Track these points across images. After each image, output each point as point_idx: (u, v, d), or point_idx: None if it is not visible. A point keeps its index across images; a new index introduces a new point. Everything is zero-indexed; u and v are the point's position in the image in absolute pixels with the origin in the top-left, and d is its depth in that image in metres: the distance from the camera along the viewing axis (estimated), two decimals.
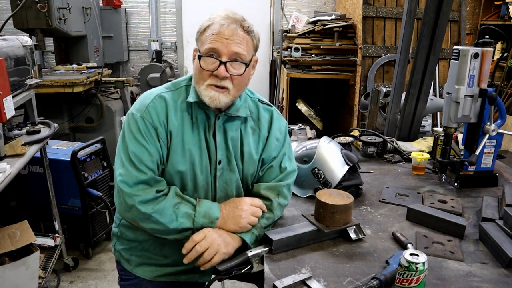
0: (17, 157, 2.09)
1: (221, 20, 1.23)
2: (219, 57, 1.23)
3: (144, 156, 1.24)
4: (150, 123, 1.25)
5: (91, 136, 3.41)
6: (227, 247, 1.24)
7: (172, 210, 1.24)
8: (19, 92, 2.42)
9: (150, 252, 1.40)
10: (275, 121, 1.43)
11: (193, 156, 1.30)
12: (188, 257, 1.22)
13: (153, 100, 1.28)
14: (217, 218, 1.28)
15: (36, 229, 2.61)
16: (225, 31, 1.21)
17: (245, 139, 1.37)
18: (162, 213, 1.23)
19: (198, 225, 1.25)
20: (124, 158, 1.26)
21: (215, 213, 1.28)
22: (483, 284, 1.15)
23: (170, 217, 1.23)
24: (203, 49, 1.24)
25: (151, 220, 1.23)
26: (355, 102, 4.37)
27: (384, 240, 1.37)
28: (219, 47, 1.21)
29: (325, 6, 5.68)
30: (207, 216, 1.27)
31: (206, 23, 1.25)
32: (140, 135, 1.25)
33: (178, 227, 1.24)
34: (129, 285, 1.48)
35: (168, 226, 1.23)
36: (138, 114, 1.27)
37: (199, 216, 1.26)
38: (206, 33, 1.24)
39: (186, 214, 1.25)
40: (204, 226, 1.26)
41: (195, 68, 1.28)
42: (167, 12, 5.73)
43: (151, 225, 1.25)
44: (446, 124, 1.78)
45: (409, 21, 2.48)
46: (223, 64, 1.22)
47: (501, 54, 4.76)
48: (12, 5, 3.42)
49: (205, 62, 1.24)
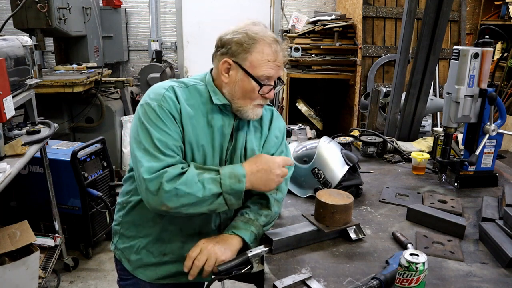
0: (17, 157, 2.09)
1: (272, 45, 1.27)
2: (269, 81, 1.30)
3: (169, 141, 1.24)
4: (168, 110, 1.25)
5: (91, 136, 3.41)
6: (224, 253, 1.24)
7: (197, 179, 1.21)
8: (19, 92, 2.42)
9: (148, 251, 1.40)
10: (275, 120, 1.47)
11: (206, 153, 1.31)
12: (191, 274, 1.23)
13: (168, 89, 1.29)
14: (244, 174, 1.25)
15: (36, 229, 2.61)
16: (280, 59, 1.29)
17: (248, 136, 1.39)
18: (187, 183, 1.20)
19: (227, 187, 1.23)
20: (149, 146, 1.22)
21: (240, 170, 1.26)
22: (483, 284, 1.15)
23: (196, 186, 1.21)
24: (257, 73, 1.27)
25: (179, 195, 1.20)
26: (355, 102, 4.37)
27: (384, 240, 1.37)
28: (274, 74, 1.29)
29: (325, 6, 5.68)
30: (232, 176, 1.24)
31: (252, 43, 1.26)
32: (162, 122, 1.24)
33: (207, 194, 1.21)
34: (127, 285, 1.48)
35: (197, 195, 1.20)
36: (155, 103, 1.26)
37: (225, 177, 1.23)
38: (257, 55, 1.26)
39: (212, 179, 1.22)
40: (233, 186, 1.23)
41: (243, 87, 1.29)
42: (167, 12, 5.73)
43: (181, 201, 1.20)
44: (446, 124, 1.78)
45: (409, 21, 2.48)
46: (272, 87, 1.31)
47: (501, 54, 4.76)
48: (12, 5, 3.42)
49: (265, 88, 1.29)
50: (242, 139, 1.38)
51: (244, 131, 1.38)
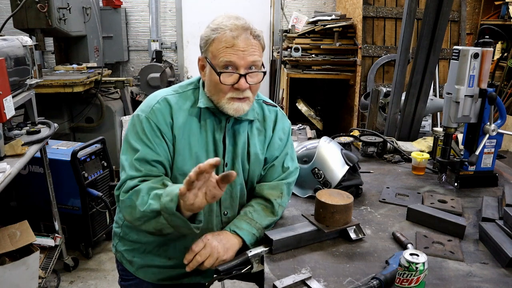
0: (17, 157, 2.09)
1: (231, 32, 1.21)
2: (237, 70, 1.23)
3: (148, 155, 1.24)
4: (155, 124, 1.26)
5: (91, 136, 3.41)
6: (226, 253, 1.24)
7: (146, 192, 1.19)
8: (19, 92, 2.41)
9: (153, 254, 1.40)
10: (279, 122, 1.45)
11: (200, 159, 1.29)
12: (189, 267, 1.22)
13: (159, 101, 1.29)
14: (176, 194, 1.09)
15: (36, 229, 2.61)
16: (240, 43, 1.21)
17: (251, 140, 1.38)
18: (137, 195, 1.19)
19: (162, 205, 1.12)
20: (125, 159, 1.26)
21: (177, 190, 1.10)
22: (483, 284, 1.15)
23: (142, 199, 1.18)
24: (218, 62, 1.22)
25: (131, 206, 1.20)
26: (355, 102, 4.37)
27: (384, 240, 1.37)
28: (236, 60, 1.21)
29: (325, 6, 5.68)
30: (169, 193, 1.12)
31: (213, 34, 1.23)
32: (145, 136, 1.25)
33: (147, 209, 1.15)
34: (129, 285, 1.48)
35: (139, 208, 1.17)
36: (143, 115, 1.27)
37: (165, 194, 1.13)
38: (216, 45, 1.23)
39: (156, 195, 1.16)
40: (166, 205, 1.11)
41: (211, 81, 1.26)
42: (167, 12, 5.73)
43: (132, 214, 1.20)
44: (446, 124, 1.78)
45: (409, 21, 2.48)
46: (242, 76, 1.23)
47: (501, 54, 4.76)
48: (12, 5, 3.42)
49: (224, 77, 1.23)
50: (242, 143, 1.36)
51: (245, 134, 1.37)
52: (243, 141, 1.36)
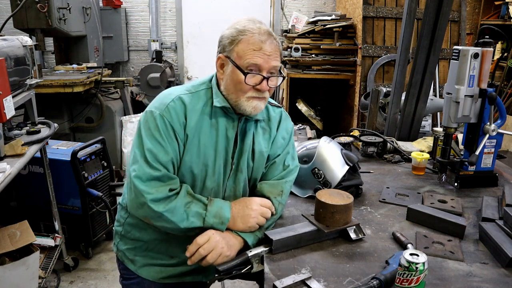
0: (17, 157, 2.09)
1: (260, 36, 1.25)
2: (260, 72, 1.26)
3: (159, 153, 1.25)
4: (169, 122, 1.27)
5: (91, 136, 3.41)
6: (230, 249, 1.25)
7: (183, 209, 1.25)
8: (19, 92, 2.41)
9: (155, 252, 1.41)
10: (283, 121, 1.48)
11: (207, 158, 1.32)
12: (191, 260, 1.24)
13: (174, 100, 1.30)
14: (228, 219, 1.28)
15: (36, 229, 2.61)
16: (267, 48, 1.26)
17: (256, 139, 1.40)
18: (173, 212, 1.24)
19: (209, 224, 1.27)
20: (139, 154, 1.26)
21: (226, 213, 1.29)
22: (483, 284, 1.15)
23: (181, 216, 1.25)
24: (243, 63, 1.26)
25: (162, 218, 1.24)
26: (355, 102, 4.36)
27: (384, 240, 1.37)
28: (262, 63, 1.26)
29: (325, 6, 5.67)
30: (218, 216, 1.28)
31: (240, 35, 1.26)
32: (158, 133, 1.26)
33: (189, 226, 1.26)
34: (131, 284, 1.48)
35: (179, 225, 1.25)
36: (157, 112, 1.28)
37: (210, 216, 1.27)
38: (243, 46, 1.26)
39: (197, 213, 1.26)
40: (215, 226, 1.27)
41: (232, 80, 1.29)
42: (167, 12, 5.73)
43: (162, 223, 1.26)
44: (446, 124, 1.78)
45: (409, 21, 2.48)
46: (265, 79, 1.27)
47: (501, 54, 4.76)
48: (12, 5, 3.42)
49: (249, 77, 1.26)
50: (249, 141, 1.38)
51: (251, 133, 1.39)
52: (249, 139, 1.38)
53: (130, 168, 1.28)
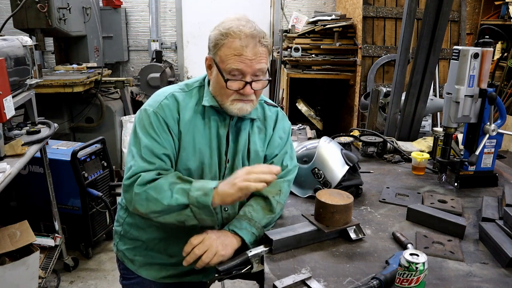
0: (17, 157, 2.09)
1: (240, 41, 1.22)
2: (243, 77, 1.25)
3: (156, 148, 1.26)
4: (163, 118, 1.28)
5: (91, 136, 3.41)
6: (225, 249, 1.24)
7: (168, 187, 1.22)
8: (19, 92, 2.41)
9: (155, 252, 1.41)
10: (280, 121, 1.47)
11: (203, 155, 1.32)
12: (187, 260, 1.23)
13: (167, 97, 1.31)
14: (211, 189, 1.21)
15: (36, 229, 2.61)
16: (248, 53, 1.22)
17: (252, 138, 1.40)
18: (156, 189, 1.22)
19: (193, 199, 1.20)
20: (136, 152, 1.28)
21: (210, 184, 1.23)
22: (483, 284, 1.15)
23: (165, 193, 1.21)
24: (225, 68, 1.24)
25: (148, 199, 1.22)
26: (355, 102, 4.37)
27: (384, 240, 1.37)
28: (243, 68, 1.24)
29: (325, 6, 5.68)
30: (201, 189, 1.21)
31: (222, 39, 1.24)
32: (153, 130, 1.27)
33: (173, 203, 1.21)
34: (131, 284, 1.48)
35: (163, 202, 1.21)
36: (151, 109, 1.30)
37: (194, 189, 1.21)
38: (225, 51, 1.24)
39: (182, 189, 1.22)
40: (199, 199, 1.20)
41: (217, 83, 1.29)
42: (167, 12, 5.73)
43: (149, 206, 1.23)
44: (446, 124, 1.78)
45: (409, 21, 2.48)
46: (248, 83, 1.25)
47: (501, 54, 4.76)
48: (12, 5, 3.43)
49: (230, 83, 1.25)
50: (244, 140, 1.38)
51: (247, 132, 1.39)
52: (244, 138, 1.38)
53: (127, 165, 1.29)
